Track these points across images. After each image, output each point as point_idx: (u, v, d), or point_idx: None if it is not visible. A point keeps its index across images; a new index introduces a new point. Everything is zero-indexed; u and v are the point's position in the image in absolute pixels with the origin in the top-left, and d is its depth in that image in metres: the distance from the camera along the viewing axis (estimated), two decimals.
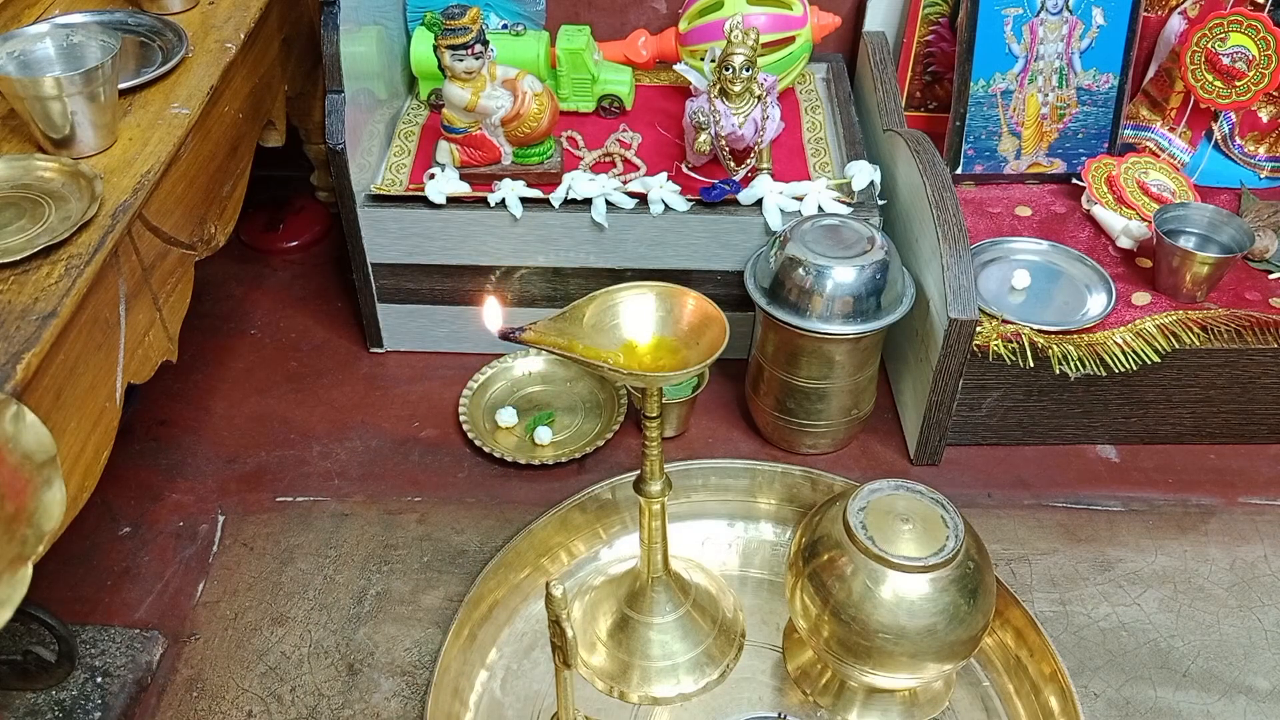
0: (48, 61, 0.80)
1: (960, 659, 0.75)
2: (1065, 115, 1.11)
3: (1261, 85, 1.05)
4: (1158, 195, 1.06)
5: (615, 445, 1.02)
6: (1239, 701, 0.83)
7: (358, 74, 0.99)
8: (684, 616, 0.83)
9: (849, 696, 0.81)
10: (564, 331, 0.65)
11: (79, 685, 0.81)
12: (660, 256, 1.02)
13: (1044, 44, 1.08)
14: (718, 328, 0.65)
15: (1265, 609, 0.89)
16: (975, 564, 0.74)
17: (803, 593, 0.76)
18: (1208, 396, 0.99)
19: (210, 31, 0.93)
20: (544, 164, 1.03)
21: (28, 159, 0.76)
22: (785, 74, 1.12)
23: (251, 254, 1.26)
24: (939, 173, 0.96)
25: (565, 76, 1.11)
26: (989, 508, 0.97)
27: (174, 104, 0.84)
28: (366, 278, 1.05)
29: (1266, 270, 1.01)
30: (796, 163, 1.08)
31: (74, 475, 0.66)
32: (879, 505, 0.75)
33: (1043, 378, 0.96)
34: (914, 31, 1.14)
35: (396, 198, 1.01)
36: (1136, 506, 0.97)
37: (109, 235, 0.70)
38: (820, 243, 0.92)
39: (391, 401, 1.07)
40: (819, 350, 0.93)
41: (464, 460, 1.01)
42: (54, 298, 0.65)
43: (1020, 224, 1.08)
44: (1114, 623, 0.88)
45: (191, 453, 1.02)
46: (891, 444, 1.04)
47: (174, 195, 0.81)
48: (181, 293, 0.84)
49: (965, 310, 0.89)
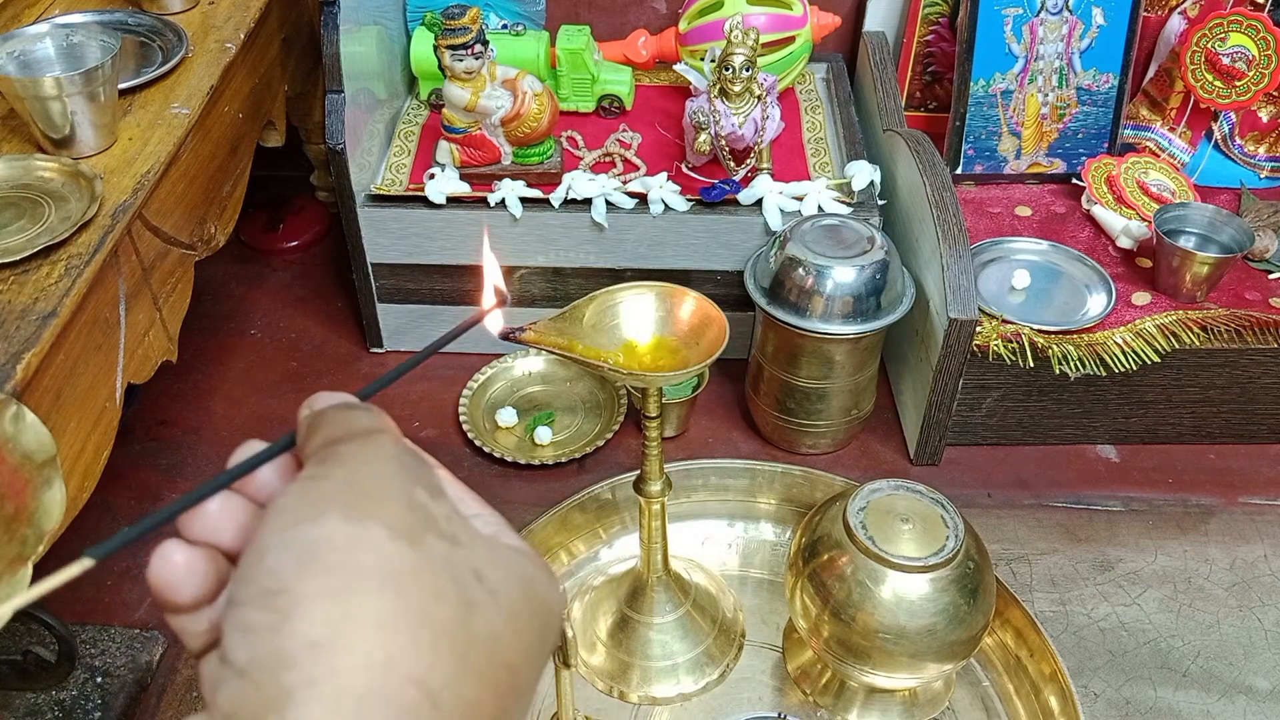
0: (48, 61, 0.80)
1: (960, 659, 0.75)
2: (1065, 115, 1.11)
3: (1261, 85, 1.05)
4: (1158, 195, 1.06)
5: (615, 445, 1.02)
6: (1239, 701, 0.83)
7: (358, 74, 0.99)
8: (684, 616, 0.84)
9: (849, 696, 0.81)
10: (564, 331, 0.65)
11: (79, 685, 0.81)
12: (660, 256, 1.02)
13: (1044, 44, 1.08)
14: (718, 328, 0.65)
15: (1265, 609, 0.89)
16: (975, 564, 0.74)
17: (803, 593, 0.76)
18: (1208, 396, 0.99)
19: (210, 31, 0.93)
20: (544, 164, 1.03)
21: (28, 159, 0.76)
22: (785, 74, 1.12)
23: (251, 254, 1.26)
24: (939, 173, 0.96)
25: (565, 76, 1.11)
26: (989, 508, 0.97)
27: (174, 104, 0.84)
28: (366, 278, 1.05)
29: (1266, 270, 1.01)
30: (796, 163, 1.08)
31: (74, 475, 0.66)
32: (879, 505, 0.75)
33: (1043, 378, 0.96)
34: (914, 31, 1.14)
35: (396, 198, 1.01)
36: (1136, 506, 0.97)
37: (109, 235, 0.70)
38: (820, 243, 0.92)
39: (391, 401, 1.07)
40: (819, 350, 0.93)
41: (464, 460, 1.01)
42: (54, 298, 0.65)
43: (1020, 224, 1.08)
44: (1114, 623, 0.88)
45: (191, 453, 1.02)
46: (891, 444, 1.04)
47: (174, 195, 0.81)
48: (181, 293, 0.84)
49: (965, 310, 0.89)
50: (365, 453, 0.30)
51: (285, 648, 0.26)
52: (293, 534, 0.28)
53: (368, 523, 0.28)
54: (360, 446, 0.30)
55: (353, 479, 0.29)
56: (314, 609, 0.26)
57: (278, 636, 0.26)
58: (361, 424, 0.31)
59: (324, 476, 0.29)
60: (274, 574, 0.27)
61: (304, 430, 0.32)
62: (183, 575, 0.30)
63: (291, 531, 0.28)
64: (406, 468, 0.30)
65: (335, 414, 0.32)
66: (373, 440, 0.31)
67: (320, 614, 0.26)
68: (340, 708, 0.25)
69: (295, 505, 0.28)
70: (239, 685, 0.26)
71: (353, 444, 0.30)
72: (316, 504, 0.28)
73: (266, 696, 0.25)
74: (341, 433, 0.31)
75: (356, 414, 0.32)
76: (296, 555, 0.27)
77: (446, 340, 0.40)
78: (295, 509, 0.28)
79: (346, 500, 0.28)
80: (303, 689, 0.25)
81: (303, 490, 0.29)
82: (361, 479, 0.29)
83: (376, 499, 0.29)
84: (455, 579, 0.28)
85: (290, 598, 0.26)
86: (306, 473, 0.30)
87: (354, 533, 0.28)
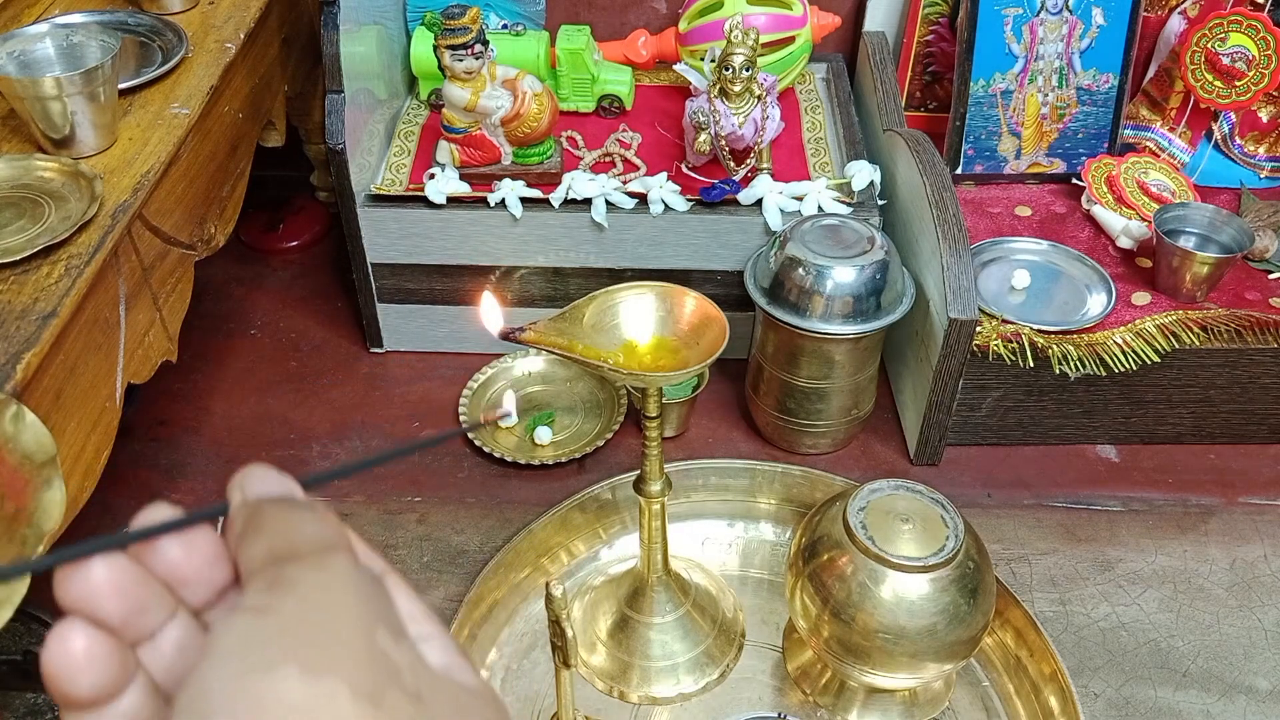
0: (48, 61, 0.80)
1: (960, 659, 0.75)
2: (1065, 115, 1.11)
3: (1261, 85, 1.05)
4: (1158, 195, 1.06)
5: (615, 445, 1.02)
6: (1239, 701, 0.83)
7: (358, 74, 0.99)
8: (684, 616, 0.84)
9: (849, 696, 0.81)
10: (564, 331, 0.65)
11: None
12: (660, 256, 1.02)
13: (1044, 44, 1.08)
14: (718, 328, 0.65)
15: (1265, 609, 0.89)
16: (975, 564, 0.74)
17: (803, 593, 0.76)
18: (1208, 396, 0.99)
19: (210, 31, 0.93)
20: (544, 164, 1.03)
21: (28, 159, 0.76)
22: (785, 74, 1.12)
23: (251, 254, 1.26)
24: (939, 173, 0.96)
25: (565, 76, 1.11)
26: (989, 508, 0.97)
27: (174, 104, 0.84)
28: (366, 278, 1.05)
29: (1266, 270, 1.01)
30: (796, 163, 1.08)
31: (74, 475, 0.66)
32: (879, 505, 0.75)
33: (1043, 378, 0.96)
34: (914, 31, 1.14)
35: (396, 198, 1.01)
36: (1136, 506, 0.97)
37: (109, 235, 0.70)
38: (820, 243, 0.92)
39: (391, 401, 1.07)
40: (819, 350, 0.93)
41: (464, 460, 1.01)
42: (54, 298, 0.65)
43: (1020, 224, 1.08)
44: (1114, 623, 0.88)
45: (191, 453, 1.02)
46: (891, 444, 1.04)
47: (174, 195, 0.81)
48: (181, 293, 0.84)
49: (965, 310, 0.89)
50: (320, 580, 0.26)
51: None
52: (243, 685, 0.24)
53: (327, 679, 0.25)
54: (314, 573, 0.27)
55: (308, 618, 0.26)
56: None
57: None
58: (312, 536, 0.27)
59: (272, 611, 0.26)
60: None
61: (239, 524, 0.28)
62: (84, 662, 0.26)
63: (240, 683, 0.24)
64: (366, 601, 0.27)
65: (279, 516, 0.28)
66: (327, 564, 0.27)
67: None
68: None
69: (241, 648, 0.25)
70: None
71: (304, 568, 0.27)
72: (268, 651, 0.25)
73: None
74: (288, 548, 0.27)
75: (304, 519, 0.28)
76: (249, 714, 0.24)
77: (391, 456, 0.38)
78: (242, 653, 0.25)
79: (302, 651, 0.25)
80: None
81: (250, 629, 0.25)
82: (318, 620, 0.26)
83: (336, 649, 0.25)
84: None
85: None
86: (251, 601, 0.26)
87: (314, 692, 0.24)
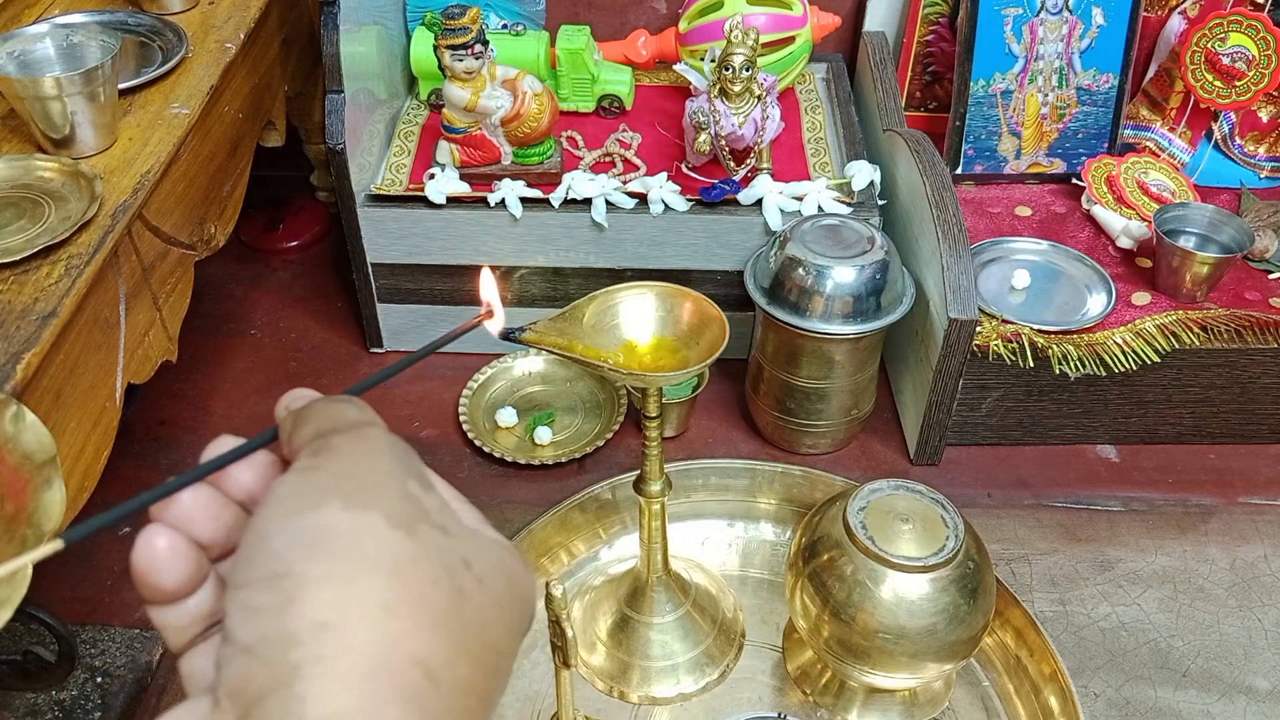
0: (48, 61, 0.80)
1: (960, 659, 0.75)
2: (1065, 115, 1.11)
3: (1261, 85, 1.05)
4: (1158, 195, 1.06)
5: (615, 445, 1.02)
6: (1239, 701, 0.83)
7: (358, 74, 0.99)
8: (684, 616, 0.84)
9: (849, 696, 0.81)
10: (564, 331, 0.65)
11: (79, 685, 0.81)
12: (660, 256, 1.02)
13: (1044, 44, 1.08)
14: (718, 328, 0.65)
15: (1265, 609, 0.89)
16: (975, 564, 0.74)
17: (803, 593, 0.76)
18: (1208, 396, 0.99)
19: (210, 31, 0.93)
20: (544, 164, 1.03)
21: (28, 159, 0.76)
22: (785, 74, 1.12)
23: (251, 254, 1.26)
24: (939, 173, 0.96)
25: (565, 76, 1.11)
26: (989, 508, 0.97)
27: (174, 104, 0.84)
28: (366, 278, 1.05)
29: (1266, 270, 1.01)
30: (796, 163, 1.08)
31: (74, 475, 0.66)
32: (879, 505, 0.75)
33: (1043, 378, 0.96)
34: (914, 31, 1.14)
35: (396, 198, 1.01)
36: (1136, 506, 0.97)
37: (109, 235, 0.70)
38: (820, 243, 0.92)
39: (391, 401, 1.07)
40: (819, 350, 0.93)
41: (464, 460, 1.01)
42: (54, 298, 0.65)
43: (1020, 224, 1.08)
44: (1114, 623, 0.88)
45: (191, 453, 1.02)
46: (891, 444, 1.04)
47: (174, 195, 0.81)
48: (181, 293, 0.84)
49: (965, 310, 0.89)
50: (359, 445, 0.31)
51: (291, 627, 0.27)
52: (295, 521, 0.29)
53: (367, 511, 0.29)
54: (353, 439, 0.31)
55: (349, 470, 0.30)
56: (320, 592, 0.27)
57: (284, 617, 0.27)
58: (351, 417, 0.32)
59: (320, 468, 0.30)
60: (278, 557, 0.28)
61: (288, 426, 0.33)
62: (165, 559, 0.31)
63: (294, 518, 0.29)
64: (398, 460, 0.31)
65: (323, 407, 0.33)
66: (364, 433, 0.32)
67: (326, 596, 0.27)
68: (349, 684, 0.26)
69: (295, 494, 0.29)
70: (245, 662, 0.27)
71: (345, 436, 0.31)
72: (316, 493, 0.29)
73: (273, 672, 0.26)
74: (332, 425, 0.32)
75: (344, 407, 0.33)
76: (300, 540, 0.28)
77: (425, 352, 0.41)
78: (295, 497, 0.29)
79: (345, 490, 0.29)
80: (310, 665, 0.26)
81: (301, 480, 0.30)
82: (358, 470, 0.30)
83: (374, 489, 0.30)
84: (448, 567, 0.30)
85: (295, 581, 0.27)
86: (301, 464, 0.31)
87: (355, 521, 0.29)
